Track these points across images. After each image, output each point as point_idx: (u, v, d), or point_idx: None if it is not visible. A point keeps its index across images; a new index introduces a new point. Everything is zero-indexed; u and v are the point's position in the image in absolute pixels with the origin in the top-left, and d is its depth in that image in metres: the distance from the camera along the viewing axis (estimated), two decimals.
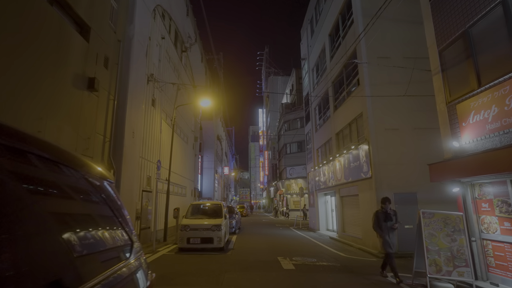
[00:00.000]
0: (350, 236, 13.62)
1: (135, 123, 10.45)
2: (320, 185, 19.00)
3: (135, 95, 10.56)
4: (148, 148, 12.11)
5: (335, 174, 15.67)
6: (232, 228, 15.66)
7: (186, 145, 19.64)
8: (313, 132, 21.40)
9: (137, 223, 10.65)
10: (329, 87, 17.07)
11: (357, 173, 12.48)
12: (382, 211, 7.38)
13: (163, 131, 14.31)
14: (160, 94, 13.70)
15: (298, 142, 35.59)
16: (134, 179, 10.34)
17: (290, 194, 35.82)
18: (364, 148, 11.83)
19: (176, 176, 16.57)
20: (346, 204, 14.74)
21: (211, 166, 34.92)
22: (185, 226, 9.87)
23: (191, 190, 21.32)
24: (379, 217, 7.30)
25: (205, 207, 11.63)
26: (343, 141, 15.05)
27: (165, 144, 14.27)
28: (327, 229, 19.26)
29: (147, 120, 12.09)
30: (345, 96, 14.73)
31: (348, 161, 13.66)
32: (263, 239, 14.13)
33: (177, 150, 16.99)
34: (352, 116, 13.47)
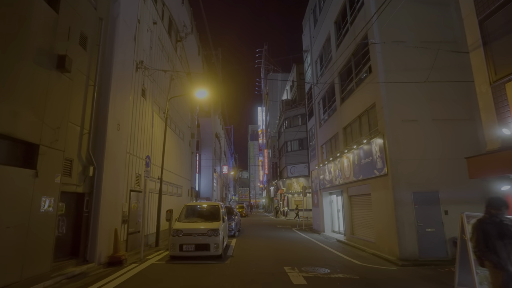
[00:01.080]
0: (361, 240, 12.42)
1: (120, 114, 9.21)
2: (325, 184, 17.79)
3: (121, 82, 9.32)
4: (137, 143, 10.87)
5: (343, 172, 14.47)
6: (231, 230, 14.44)
7: (182, 142, 18.40)
8: (316, 128, 20.19)
9: (123, 228, 9.41)
10: (335, 78, 15.86)
11: (370, 170, 11.28)
12: (491, 221, 4.01)
13: (156, 125, 13.06)
14: (151, 84, 12.45)
15: (299, 140, 34.38)
16: (119, 177, 9.11)
17: (291, 193, 34.62)
18: (378, 142, 10.62)
19: (170, 175, 15.33)
20: (356, 204, 13.53)
21: (209, 165, 33.70)
22: (177, 230, 8.64)
23: (188, 190, 20.09)
24: (488, 232, 3.92)
25: (201, 209, 10.39)
26: (352, 135, 13.84)
27: (158, 140, 13.03)
28: (332, 230, 18.07)
29: (136, 112, 10.85)
30: (353, 87, 13.51)
31: (358, 157, 12.45)
32: (266, 243, 12.92)
33: (172, 146, 15.75)
34: (363, 108, 12.26)
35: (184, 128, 19.02)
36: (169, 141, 15.16)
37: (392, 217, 9.72)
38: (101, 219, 7.85)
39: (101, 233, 7.79)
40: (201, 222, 9.34)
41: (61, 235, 6.76)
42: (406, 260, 9.01)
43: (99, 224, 7.75)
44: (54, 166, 6.13)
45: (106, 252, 8.02)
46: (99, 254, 7.68)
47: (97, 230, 7.66)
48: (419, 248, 9.32)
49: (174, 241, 8.53)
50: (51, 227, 5.98)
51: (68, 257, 6.95)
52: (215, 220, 9.47)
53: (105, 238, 8.03)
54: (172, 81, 14.24)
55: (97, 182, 7.87)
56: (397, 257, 9.28)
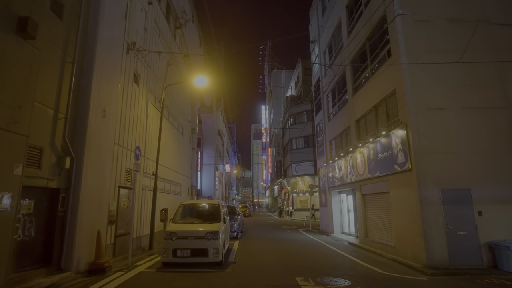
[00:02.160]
0: (377, 243, 11.18)
1: (107, 100, 8.05)
2: (334, 182, 16.55)
3: (108, 63, 8.16)
4: (128, 135, 9.71)
5: (355, 169, 13.23)
6: (234, 232, 13.26)
7: (181, 137, 17.24)
8: (325, 123, 18.94)
9: (110, 229, 8.24)
10: (347, 67, 14.61)
11: (389, 165, 10.04)
12: None
13: (151, 116, 11.90)
14: (146, 70, 11.29)
15: (305, 137, 33.14)
16: (105, 171, 7.95)
17: (296, 192, 33.37)
18: (399, 134, 9.39)
19: (167, 171, 14.18)
20: (370, 204, 12.29)
21: (211, 163, 32.55)
22: (170, 233, 7.45)
23: (188, 188, 18.93)
24: None
25: (199, 208, 9.19)
26: (367, 128, 12.59)
27: (153, 132, 11.88)
28: (342, 232, 16.84)
29: (128, 99, 9.69)
30: (368, 75, 12.27)
31: (374, 152, 11.22)
32: (272, 246, 11.71)
33: (169, 141, 14.60)
34: (380, 97, 11.01)
35: (183, 122, 17.86)
36: (166, 135, 14.00)
37: (417, 218, 8.48)
38: (81, 220, 6.69)
39: (80, 236, 6.63)
40: (198, 223, 8.15)
41: (27, 240, 5.59)
42: (435, 268, 7.77)
43: (78, 225, 6.58)
44: (12, 154, 4.96)
45: (86, 258, 6.86)
46: (77, 260, 6.52)
47: (75, 233, 6.49)
48: (450, 255, 8.07)
49: (167, 245, 7.34)
50: (6, 230, 4.81)
51: (37, 265, 5.78)
52: (214, 221, 8.28)
53: (86, 242, 6.87)
54: (169, 67, 13.06)
55: (76, 176, 6.71)
56: (423, 265, 8.04)
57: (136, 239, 10.24)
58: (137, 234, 10.34)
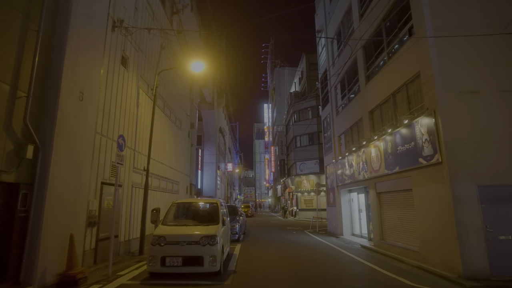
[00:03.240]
0: (395, 247, 9.93)
1: (85, 81, 6.86)
2: (344, 180, 15.29)
3: (87, 39, 6.97)
4: (115, 124, 8.52)
5: (369, 164, 11.97)
6: (235, 234, 12.03)
7: (179, 131, 16.05)
8: (332, 116, 17.68)
9: (89, 232, 7.04)
10: (358, 53, 13.36)
11: (411, 159, 8.79)
12: None
13: (143, 106, 10.71)
14: (137, 54, 10.10)
15: (310, 134, 31.86)
16: (83, 164, 6.76)
17: (300, 192, 32.08)
18: (424, 122, 8.13)
19: (163, 168, 12.97)
20: (387, 203, 11.03)
21: (213, 161, 31.37)
22: (159, 237, 6.23)
23: (186, 186, 17.73)
24: None
25: (194, 208, 7.95)
26: (383, 119, 11.33)
27: (145, 123, 10.68)
28: (352, 233, 15.57)
29: (114, 84, 8.50)
30: (384, 59, 11.02)
31: (392, 145, 9.96)
32: (278, 251, 10.48)
33: (165, 135, 13.40)
34: (399, 82, 9.76)
35: (182, 116, 16.67)
36: (162, 128, 12.81)
37: (449, 219, 7.22)
38: (48, 222, 5.50)
39: (46, 242, 5.44)
40: (193, 225, 6.92)
41: None
42: (473, 280, 6.51)
43: (44, 229, 5.39)
44: None
45: (55, 269, 5.66)
46: (42, 272, 5.32)
47: (39, 238, 5.30)
48: (491, 263, 6.80)
49: (154, 252, 6.13)
50: None
51: None
52: (212, 223, 7.05)
53: (54, 249, 5.68)
54: (163, 51, 11.85)
55: (42, 169, 5.51)
56: (459, 274, 6.78)
57: (125, 243, 9.05)
58: (126, 237, 9.15)
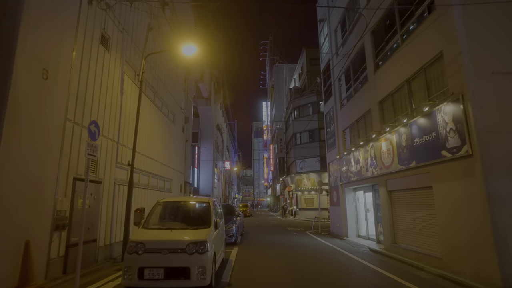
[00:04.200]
0: (411, 252, 8.85)
1: (51, 57, 5.74)
2: (350, 177, 14.20)
3: (53, 9, 5.86)
4: (92, 112, 7.39)
5: (379, 160, 10.89)
6: (232, 236, 10.91)
7: (171, 125, 14.92)
8: (336, 110, 16.59)
9: (57, 237, 5.92)
10: (366, 40, 12.28)
11: (432, 152, 7.71)
12: None
13: (129, 94, 9.59)
14: (121, 35, 8.96)
15: (310, 131, 30.76)
16: (47, 156, 5.64)
17: (300, 190, 31.00)
18: (448, 109, 7.05)
19: (153, 164, 11.84)
20: (400, 202, 9.96)
21: (210, 159, 30.23)
22: (136, 244, 5.11)
23: (180, 185, 16.61)
24: None
25: (183, 208, 6.80)
26: (395, 109, 10.25)
27: (131, 113, 9.55)
28: (357, 235, 14.50)
29: (92, 66, 7.37)
30: (398, 42, 9.93)
31: (408, 137, 8.88)
32: (279, 256, 9.39)
33: (156, 128, 12.27)
34: (416, 66, 8.68)
35: (175, 109, 15.54)
36: (152, 120, 11.68)
37: (482, 222, 6.14)
38: None
39: None
40: (179, 229, 5.79)
41: None
42: None
43: None
44: None
45: (5, 284, 4.54)
46: None
47: None
48: None
49: (130, 261, 5.01)
50: None
51: None
52: (202, 226, 5.92)
53: (3, 259, 4.55)
54: (151, 32, 10.68)
55: None
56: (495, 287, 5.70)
57: (105, 248, 7.92)
58: (106, 241, 8.02)
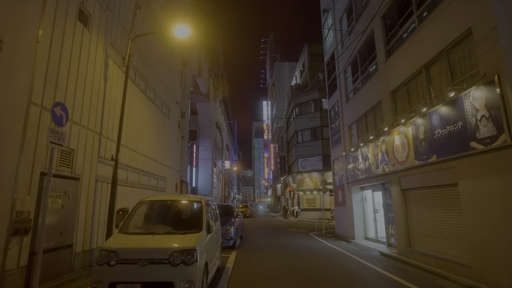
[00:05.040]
0: (431, 257, 7.86)
1: (8, 26, 4.79)
2: (357, 176, 13.21)
3: None
4: (67, 97, 6.41)
5: (392, 155, 9.91)
6: (230, 240, 9.91)
7: (166, 120, 13.94)
8: (341, 104, 15.60)
9: (18, 242, 4.93)
10: (375, 26, 11.30)
11: (458, 143, 6.73)
12: None
13: (115, 81, 8.60)
14: (105, 14, 7.98)
15: (312, 129, 29.78)
16: (4, 146, 4.64)
17: (302, 190, 29.99)
18: (479, 94, 6.08)
19: (144, 160, 10.85)
20: (416, 202, 8.97)
21: (209, 157, 29.24)
22: (108, 253, 4.12)
23: (176, 183, 15.62)
24: None
25: (169, 209, 5.78)
26: (410, 99, 9.26)
27: (117, 102, 8.56)
28: (365, 237, 13.51)
29: (67, 44, 6.40)
30: (413, 25, 8.96)
31: (426, 128, 7.90)
32: (283, 261, 8.40)
33: (147, 121, 11.28)
34: (436, 49, 7.70)
35: (170, 102, 14.55)
36: (143, 113, 10.70)
37: None
38: None
39: None
40: (163, 234, 4.78)
41: None
42: None
43: None
44: None
45: None
46: None
47: None
48: None
49: (100, 275, 4.02)
50: None
51: None
52: (192, 230, 4.92)
53: None
54: (139, 11, 9.67)
55: None
56: None
57: (83, 254, 6.92)
58: (85, 246, 7.03)
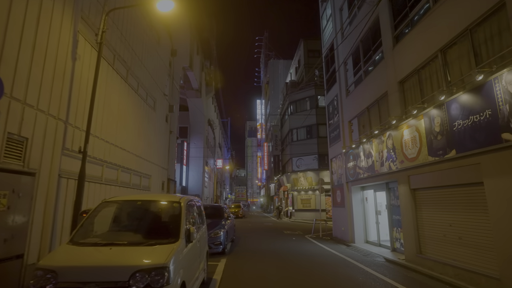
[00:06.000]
0: (447, 266, 6.91)
1: None
2: (358, 174, 12.23)
3: None
4: (17, 73, 5.23)
5: (400, 151, 8.95)
6: (219, 245, 8.78)
7: (152, 113, 12.77)
8: (341, 98, 14.63)
9: None
10: (381, 12, 10.33)
11: (485, 135, 5.77)
12: None
13: (87, 62, 7.42)
14: None
15: (307, 127, 28.82)
16: None
17: (297, 190, 29.00)
18: (511, 78, 5.10)
19: (123, 155, 9.68)
20: (428, 203, 8.01)
21: (200, 155, 28.06)
22: (44, 273, 3.01)
23: (162, 182, 14.45)
24: None
25: (139, 211, 4.58)
26: (422, 88, 8.29)
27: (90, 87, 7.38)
28: (366, 241, 12.55)
29: (16, 8, 5.21)
30: (426, 6, 7.99)
31: (443, 120, 6.94)
32: (279, 271, 7.33)
33: (128, 111, 10.11)
34: (456, 29, 6.74)
35: (156, 94, 13.38)
36: (123, 101, 9.54)
37: None
38: None
39: None
40: (126, 245, 3.63)
41: None
42: None
43: None
44: None
45: None
46: None
47: None
48: None
49: None
50: None
51: None
52: (165, 239, 3.77)
53: None
54: None
55: None
56: None
57: None
58: (42, 255, 5.85)
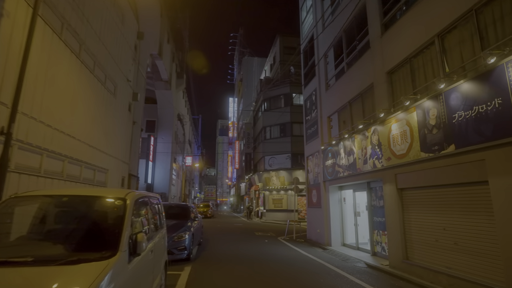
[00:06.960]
0: (440, 274, 6.21)
1: None
2: (337, 173, 11.47)
3: None
4: None
5: (387, 147, 8.23)
6: (183, 251, 7.50)
7: (111, 98, 11.19)
8: (320, 93, 13.86)
9: None
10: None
11: (492, 127, 5.08)
12: None
13: (21, 22, 5.88)
14: None
15: (281, 125, 28.08)
16: None
17: (268, 190, 28.13)
18: None
19: (72, 143, 8.11)
20: (416, 204, 7.32)
21: (168, 151, 26.33)
22: None
23: (122, 178, 12.84)
24: None
25: (63, 211, 3.13)
26: (414, 78, 7.59)
27: (20, 53, 5.84)
28: (343, 244, 11.84)
29: None
30: None
31: (440, 112, 6.24)
32: (253, 283, 6.24)
33: (80, 93, 8.55)
34: (458, 11, 6.06)
35: (118, 78, 11.79)
36: (73, 81, 7.99)
37: None
38: None
39: None
40: (31, 265, 2.24)
41: None
42: None
43: None
44: None
45: None
46: None
47: None
48: None
49: None
50: None
51: None
52: (94, 253, 2.47)
53: None
54: None
55: None
56: None
57: None
58: None
